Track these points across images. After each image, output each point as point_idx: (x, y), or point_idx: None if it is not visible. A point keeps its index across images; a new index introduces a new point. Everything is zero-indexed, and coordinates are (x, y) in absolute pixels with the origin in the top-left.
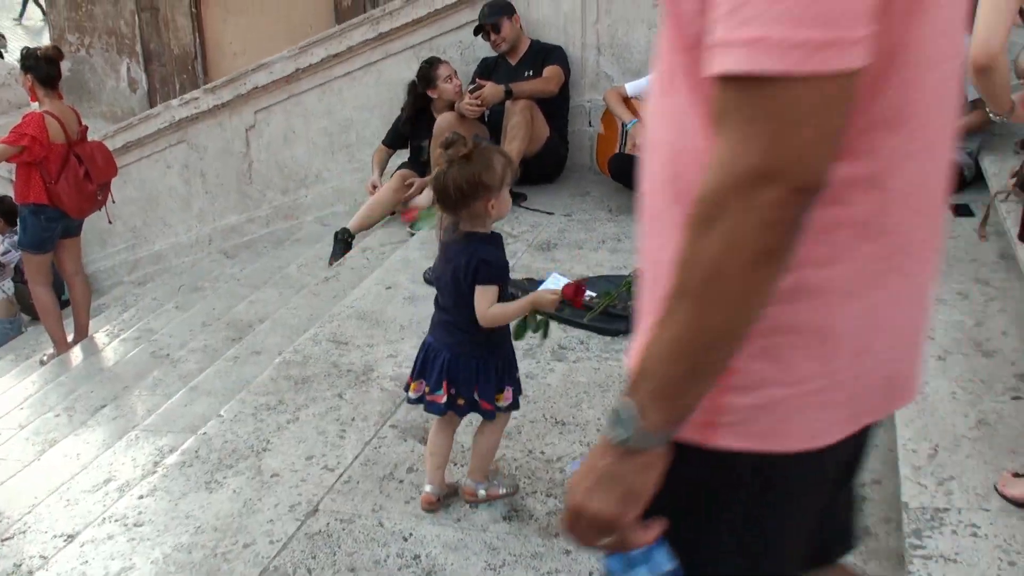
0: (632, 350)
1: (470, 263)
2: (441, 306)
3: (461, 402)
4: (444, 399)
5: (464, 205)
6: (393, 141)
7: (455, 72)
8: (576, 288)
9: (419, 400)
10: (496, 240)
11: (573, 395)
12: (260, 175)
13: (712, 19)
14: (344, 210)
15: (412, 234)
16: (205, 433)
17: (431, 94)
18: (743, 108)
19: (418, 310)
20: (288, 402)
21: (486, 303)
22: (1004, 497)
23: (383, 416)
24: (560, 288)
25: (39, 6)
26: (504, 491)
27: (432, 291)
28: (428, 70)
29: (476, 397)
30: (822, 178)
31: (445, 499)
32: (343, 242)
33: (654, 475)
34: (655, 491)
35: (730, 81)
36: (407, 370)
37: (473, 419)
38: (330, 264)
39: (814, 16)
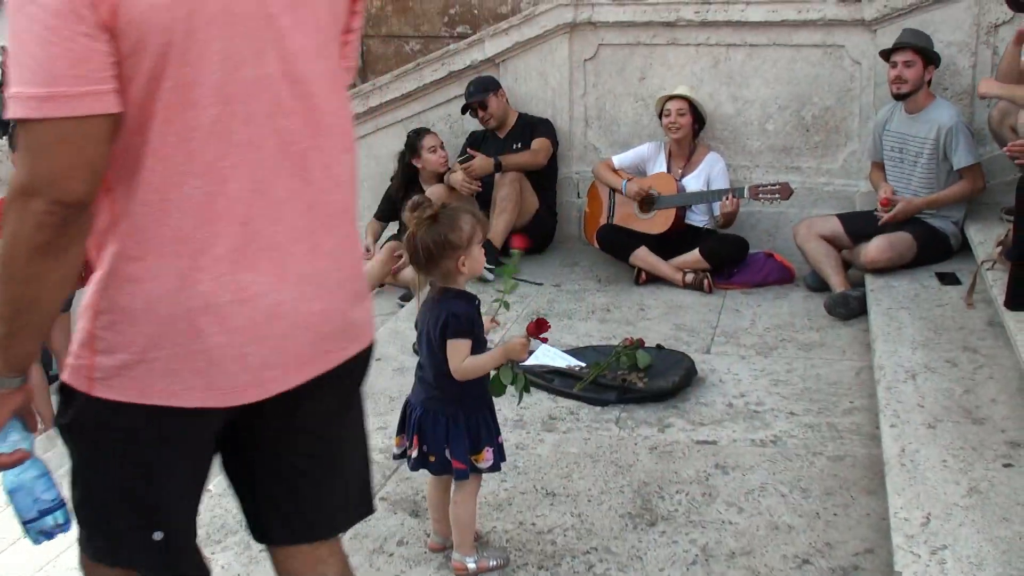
0: None
1: (439, 318)
2: (420, 363)
3: (432, 459)
4: (415, 454)
5: (434, 265)
6: (384, 213)
7: (442, 144)
8: (537, 324)
9: (402, 455)
10: (466, 296)
11: (563, 466)
12: None
13: None
14: None
15: (401, 305)
16: None
17: (415, 163)
18: (21, 141)
19: (407, 381)
20: None
21: (459, 357)
22: None
23: (373, 489)
24: (552, 359)
25: None
26: (494, 563)
27: None
28: (415, 139)
29: (448, 456)
30: (79, 194)
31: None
32: None
33: (3, 407)
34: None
35: (16, 121)
36: None
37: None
38: None
39: (40, 79)
